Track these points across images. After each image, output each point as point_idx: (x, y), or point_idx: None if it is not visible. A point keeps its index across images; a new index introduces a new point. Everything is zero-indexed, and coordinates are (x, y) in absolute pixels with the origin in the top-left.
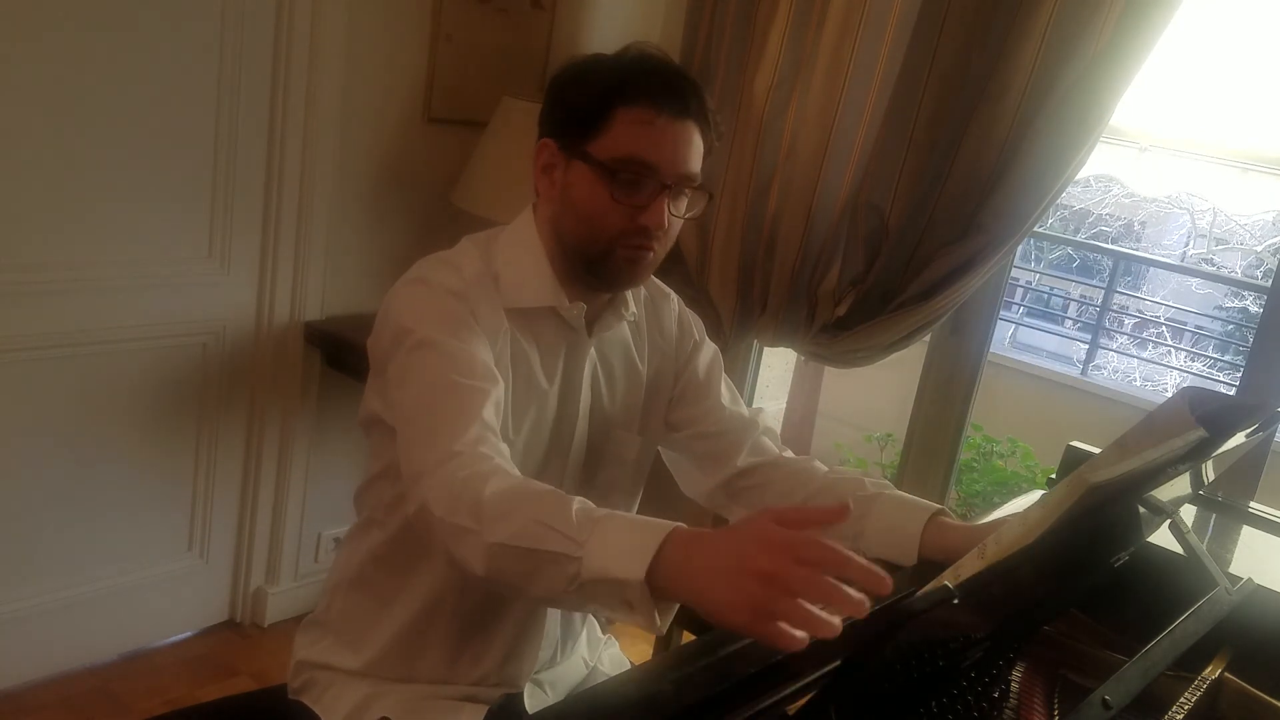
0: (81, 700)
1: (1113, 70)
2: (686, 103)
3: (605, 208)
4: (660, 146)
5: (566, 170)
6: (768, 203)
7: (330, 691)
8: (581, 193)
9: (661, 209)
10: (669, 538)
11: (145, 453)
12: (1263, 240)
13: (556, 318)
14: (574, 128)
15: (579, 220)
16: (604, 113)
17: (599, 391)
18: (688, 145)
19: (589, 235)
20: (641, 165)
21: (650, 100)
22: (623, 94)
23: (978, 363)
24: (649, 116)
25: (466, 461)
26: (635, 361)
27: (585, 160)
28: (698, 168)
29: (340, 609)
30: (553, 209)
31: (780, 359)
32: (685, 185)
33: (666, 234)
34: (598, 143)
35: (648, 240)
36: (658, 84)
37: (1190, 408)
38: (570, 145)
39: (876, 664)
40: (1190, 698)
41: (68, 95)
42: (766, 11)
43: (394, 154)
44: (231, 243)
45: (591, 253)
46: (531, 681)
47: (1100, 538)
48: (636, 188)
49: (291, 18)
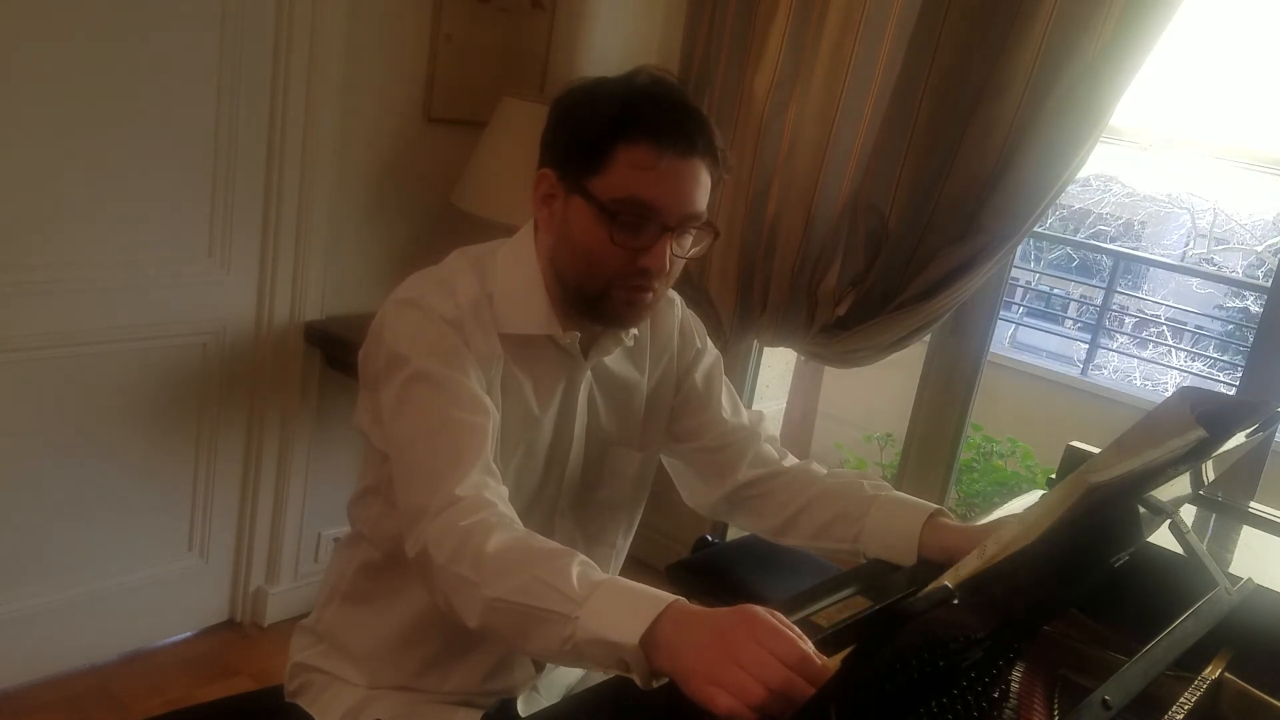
0: (81, 700)
1: (1113, 70)
2: (693, 141)
3: (604, 248)
4: (664, 189)
5: (566, 204)
6: (768, 203)
7: (326, 694)
8: (580, 230)
9: (663, 252)
10: (666, 611)
11: (145, 453)
12: (1263, 240)
13: (552, 344)
14: (574, 161)
15: (577, 258)
16: (606, 149)
17: (595, 412)
18: (693, 185)
19: (586, 274)
20: (643, 207)
21: (654, 140)
22: (626, 131)
23: (978, 363)
24: (652, 159)
25: (469, 508)
26: (634, 376)
27: (585, 197)
28: (704, 206)
29: (332, 620)
30: (551, 240)
31: (780, 359)
32: (690, 224)
33: (669, 275)
34: (598, 181)
35: (647, 282)
36: (663, 121)
37: (1190, 408)
38: (570, 179)
39: (876, 664)
40: (1190, 698)
41: (68, 95)
42: (766, 12)
43: (394, 154)
44: (231, 243)
45: (588, 291)
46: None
47: (1100, 538)
48: (638, 230)
49: (291, 18)
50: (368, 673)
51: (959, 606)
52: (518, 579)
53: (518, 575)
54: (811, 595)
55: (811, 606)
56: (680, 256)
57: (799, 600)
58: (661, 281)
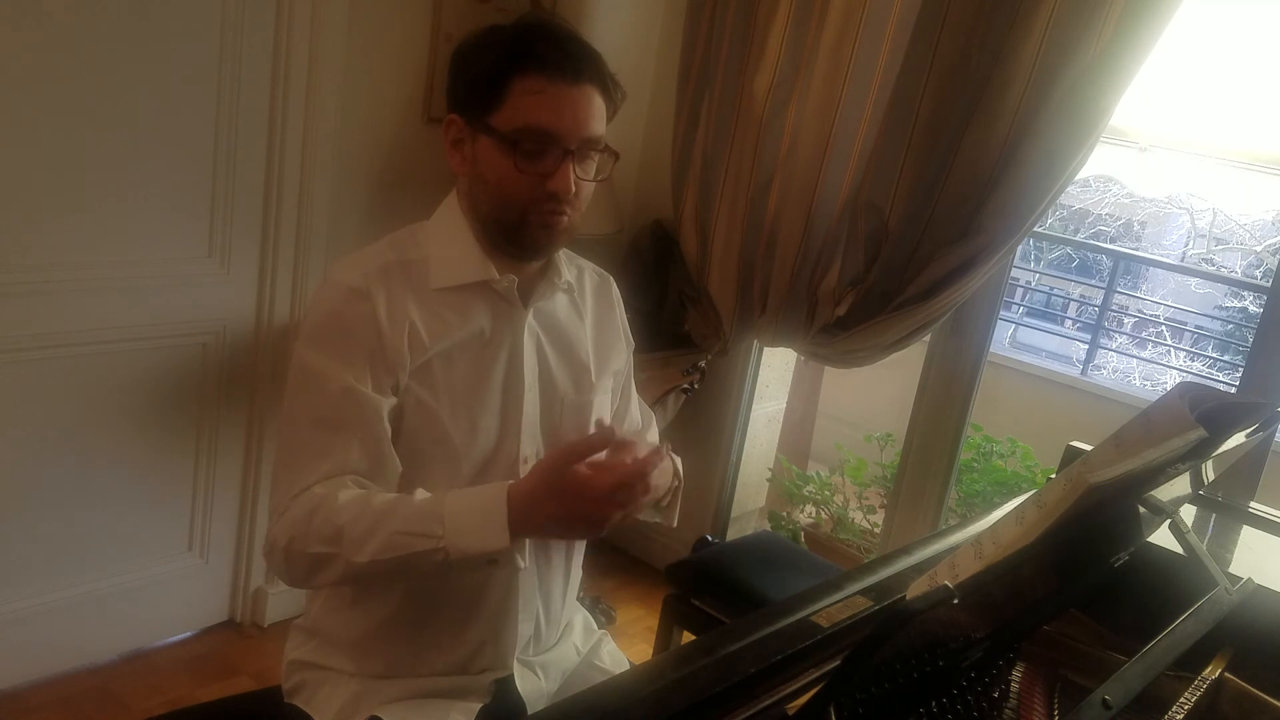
0: (81, 700)
1: (1113, 70)
2: (581, 67)
3: (512, 178)
4: (558, 113)
5: (474, 144)
6: (768, 203)
7: (321, 691)
8: (489, 165)
9: (567, 174)
10: (511, 506)
11: (145, 453)
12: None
13: (491, 293)
14: (475, 101)
15: (490, 192)
16: (501, 84)
17: (545, 360)
18: (587, 109)
19: (501, 206)
20: (541, 133)
21: (544, 68)
22: (517, 64)
23: (978, 363)
24: (544, 85)
25: (308, 499)
26: (577, 323)
27: (489, 133)
28: (600, 130)
29: (319, 614)
30: (467, 183)
31: (780, 359)
32: (590, 149)
33: (578, 197)
34: (498, 115)
35: (558, 205)
36: (551, 51)
37: (1190, 407)
38: (474, 119)
39: (876, 664)
40: (1190, 698)
41: (68, 95)
42: (766, 11)
43: (394, 154)
44: (231, 243)
45: (506, 222)
46: (521, 663)
47: (1100, 538)
48: (540, 156)
49: (291, 18)
50: (357, 660)
51: (959, 606)
52: (377, 540)
53: (376, 536)
54: (811, 595)
55: (811, 606)
56: (585, 179)
57: (799, 600)
58: (571, 205)
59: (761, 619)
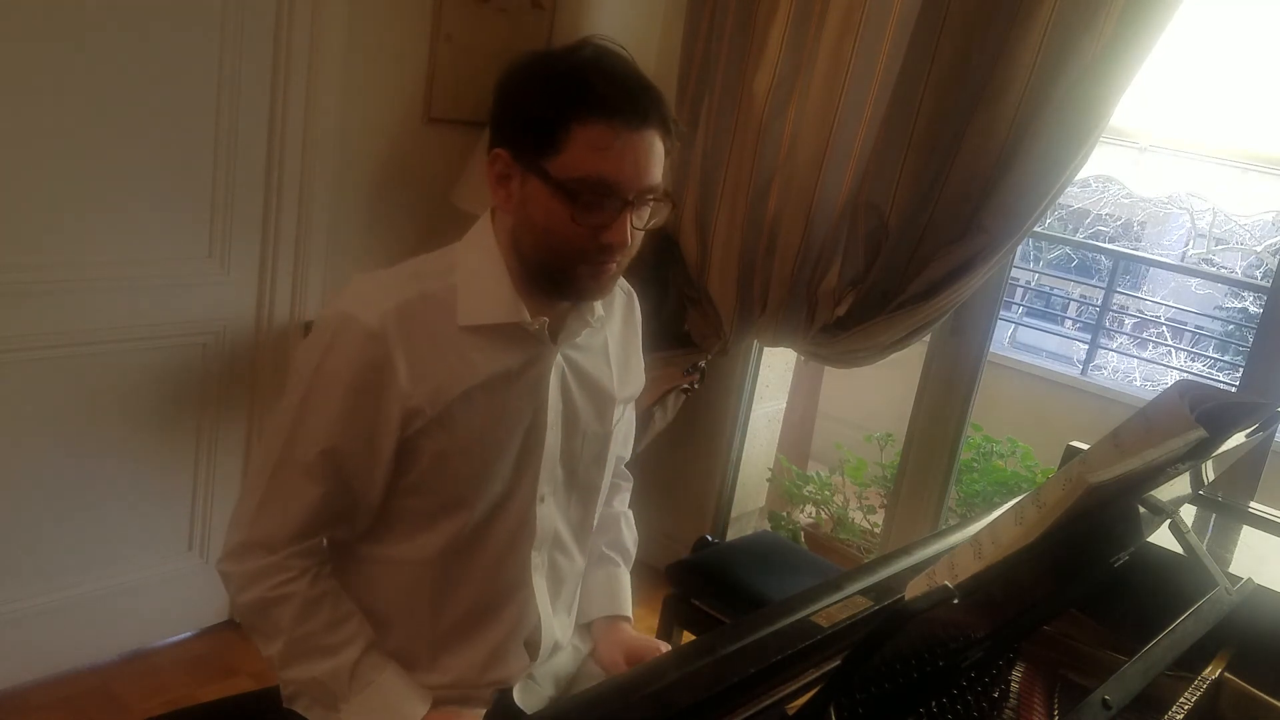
0: (81, 700)
1: (1113, 70)
2: (647, 114)
3: (566, 228)
4: (622, 166)
5: (523, 185)
6: (768, 203)
7: None
8: (540, 211)
9: (624, 227)
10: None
11: (145, 453)
12: (1262, 240)
13: (520, 331)
14: (528, 141)
15: (538, 237)
16: (561, 130)
17: (570, 396)
18: (648, 156)
19: (550, 253)
20: (603, 186)
21: (606, 113)
22: (577, 107)
23: (978, 363)
24: (609, 138)
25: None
26: (604, 352)
27: (543, 178)
28: (660, 178)
29: None
30: (511, 222)
31: (780, 359)
32: (648, 196)
33: (630, 246)
34: (555, 161)
35: (610, 256)
36: (614, 93)
37: (1190, 406)
38: (526, 159)
39: (876, 664)
40: (1190, 698)
41: (68, 96)
42: (766, 11)
43: (394, 154)
44: (231, 243)
45: (553, 270)
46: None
47: (1099, 538)
48: (598, 208)
49: (291, 18)
50: None
51: (959, 606)
52: (300, 670)
53: (301, 666)
54: (811, 595)
55: (811, 606)
56: (640, 229)
57: (799, 600)
58: (624, 254)
59: (761, 619)
